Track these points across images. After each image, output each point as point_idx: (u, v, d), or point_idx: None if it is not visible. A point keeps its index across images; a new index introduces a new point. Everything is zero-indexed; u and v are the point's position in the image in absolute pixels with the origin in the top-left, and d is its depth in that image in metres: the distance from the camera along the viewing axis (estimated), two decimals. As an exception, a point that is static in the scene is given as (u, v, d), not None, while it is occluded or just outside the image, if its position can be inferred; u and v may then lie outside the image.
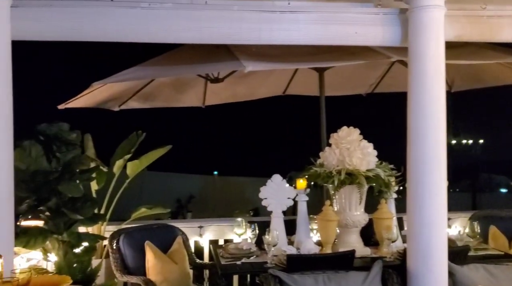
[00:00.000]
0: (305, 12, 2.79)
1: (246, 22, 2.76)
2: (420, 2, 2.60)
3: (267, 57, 3.66)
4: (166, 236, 4.02)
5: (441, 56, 2.63)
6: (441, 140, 2.68)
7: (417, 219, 2.77)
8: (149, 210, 4.30)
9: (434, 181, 2.70)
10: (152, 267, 3.65)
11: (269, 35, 2.80)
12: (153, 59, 4.22)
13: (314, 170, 3.79)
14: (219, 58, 3.69)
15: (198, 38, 2.79)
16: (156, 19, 2.75)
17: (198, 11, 2.76)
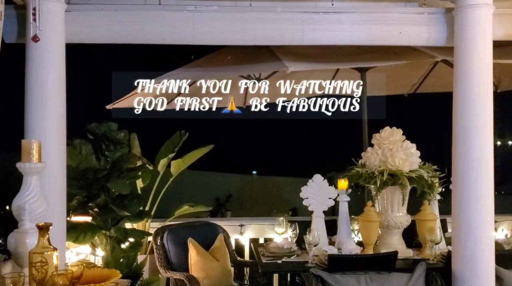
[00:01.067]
0: (348, 12, 2.79)
1: (289, 24, 2.79)
2: (467, 1, 2.55)
3: (309, 57, 3.68)
4: (208, 234, 4.09)
5: (489, 55, 2.58)
6: (487, 141, 2.62)
7: (463, 222, 2.72)
8: (191, 208, 4.40)
9: (481, 182, 2.64)
10: (194, 263, 3.73)
11: (312, 36, 2.82)
12: (197, 61, 4.32)
13: (356, 170, 3.78)
14: (261, 59, 3.74)
15: (243, 39, 2.85)
16: (202, 21, 2.83)
17: (242, 13, 2.82)
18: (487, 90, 2.62)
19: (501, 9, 2.77)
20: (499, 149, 14.24)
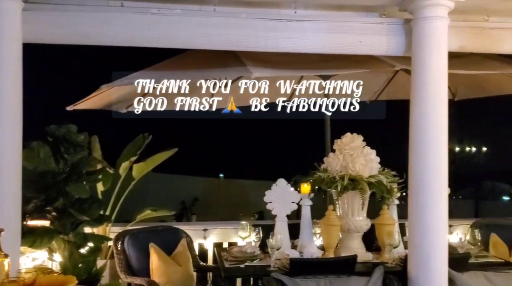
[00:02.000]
0: (311, 21, 2.84)
1: (254, 30, 2.82)
2: (423, 13, 2.64)
3: (274, 64, 3.71)
4: (170, 238, 4.06)
5: (444, 66, 2.67)
6: (442, 149, 2.71)
7: (418, 226, 2.81)
8: (153, 212, 4.35)
9: (435, 188, 2.73)
10: (156, 268, 3.69)
11: (276, 43, 2.85)
12: (161, 63, 4.27)
13: (318, 175, 3.84)
14: (227, 63, 3.74)
15: (207, 44, 2.85)
16: (166, 24, 2.81)
17: (207, 18, 2.82)
18: (442, 99, 2.72)
19: (456, 22, 2.88)
20: (456, 155, 14.80)
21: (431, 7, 2.60)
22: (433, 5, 2.60)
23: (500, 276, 3.03)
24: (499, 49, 3.00)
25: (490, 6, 2.84)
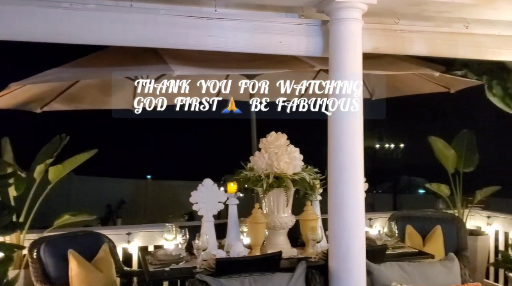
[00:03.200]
0: (232, 19, 2.83)
1: (173, 27, 2.76)
2: (339, 15, 2.73)
3: (197, 62, 3.67)
4: (91, 244, 3.89)
5: (359, 66, 2.78)
6: (358, 146, 2.82)
7: (337, 221, 2.90)
8: (73, 217, 4.14)
9: (352, 184, 2.84)
10: (75, 276, 3.52)
11: (196, 41, 2.81)
12: (78, 60, 4.07)
13: (244, 173, 3.85)
14: (148, 61, 3.64)
15: (123, 40, 2.74)
16: (79, 20, 2.67)
17: (123, 14, 2.71)
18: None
19: (370, 24, 3.01)
20: (376, 152, 15.65)
21: (346, 9, 2.70)
22: (348, 8, 2.69)
23: (412, 266, 3.22)
24: (409, 50, 3.18)
25: (400, 10, 2.99)
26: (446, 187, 5.51)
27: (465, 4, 2.89)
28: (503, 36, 3.33)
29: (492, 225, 5.39)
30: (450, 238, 4.60)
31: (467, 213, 5.47)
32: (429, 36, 3.18)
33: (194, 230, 3.71)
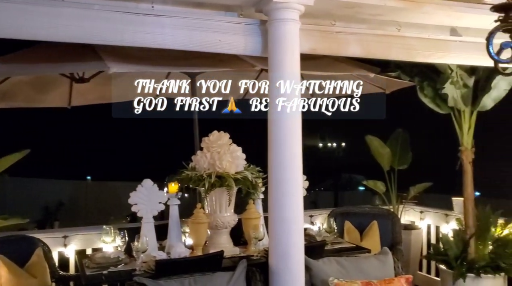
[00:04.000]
0: (170, 16, 2.79)
1: (108, 23, 2.67)
2: (277, 15, 2.76)
3: (136, 59, 3.59)
4: (24, 249, 3.72)
5: (297, 66, 2.83)
6: (296, 145, 2.87)
7: (277, 219, 2.93)
8: (3, 221, 3.92)
9: (291, 182, 2.88)
10: (5, 283, 3.34)
11: (133, 37, 2.74)
12: (8, 56, 3.86)
13: (186, 173, 3.81)
14: (83, 57, 3.52)
15: (55, 36, 2.62)
16: (7, 13, 2.52)
17: (55, 8, 2.59)
18: (296, 97, 2.86)
19: (307, 25, 3.07)
20: (319, 151, 16.08)
21: (283, 9, 2.73)
22: (285, 8, 2.73)
23: (349, 260, 3.32)
24: (345, 51, 3.27)
25: (336, 12, 3.08)
26: (382, 183, 5.75)
27: (396, 8, 3.02)
28: (432, 40, 3.51)
29: (424, 220, 5.69)
30: (386, 233, 4.80)
31: (401, 209, 5.73)
32: (364, 38, 3.29)
33: (135, 231, 3.62)
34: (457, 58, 3.58)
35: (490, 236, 4.44)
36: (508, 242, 4.38)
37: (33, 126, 9.99)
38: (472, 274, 4.27)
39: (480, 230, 4.44)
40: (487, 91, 4.24)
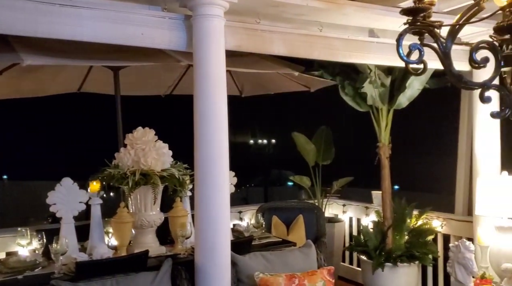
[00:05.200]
0: (89, 8, 2.66)
1: (20, 12, 2.49)
2: (201, 11, 2.74)
3: (54, 51, 3.40)
4: None
5: (222, 63, 2.83)
6: (223, 141, 2.88)
7: (204, 216, 2.92)
8: None
9: (217, 179, 2.88)
10: None
11: (48, 29, 2.59)
12: None
13: (108, 171, 3.68)
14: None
15: (-42, 25, 2.41)
16: None
17: (-42, -7, 2.38)
18: (222, 94, 2.87)
19: (233, 22, 3.08)
20: (251, 147, 16.28)
21: (207, 5, 2.71)
22: (209, 4, 2.72)
23: (275, 254, 3.39)
24: (269, 50, 3.32)
25: (261, 10, 3.12)
26: (307, 179, 5.94)
27: (318, 9, 3.11)
28: (352, 40, 3.67)
29: (347, 213, 5.96)
30: (311, 226, 4.97)
31: (326, 202, 5.96)
32: (288, 37, 3.36)
33: (55, 233, 3.44)
34: (375, 58, 3.76)
35: (406, 227, 4.74)
36: (421, 232, 4.71)
37: None
38: (389, 263, 4.53)
39: (397, 222, 4.73)
40: (402, 91, 4.51)
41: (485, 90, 1.72)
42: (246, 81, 5.62)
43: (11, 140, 12.93)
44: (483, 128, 3.89)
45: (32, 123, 11.28)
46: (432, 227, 4.76)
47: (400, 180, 12.26)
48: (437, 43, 1.75)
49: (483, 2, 1.79)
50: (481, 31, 3.12)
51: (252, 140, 16.17)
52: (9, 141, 12.94)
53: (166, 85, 5.66)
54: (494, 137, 3.96)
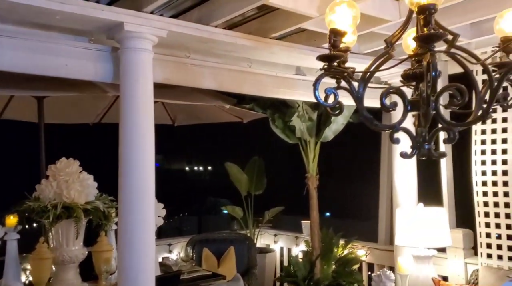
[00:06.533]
0: (9, 37, 2.56)
1: None
2: (129, 44, 2.73)
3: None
4: None
5: (150, 95, 2.80)
6: (149, 174, 2.83)
7: (126, 250, 2.81)
8: None
9: (142, 212, 2.80)
10: None
11: (-37, 56, 2.46)
12: None
13: (28, 204, 3.49)
14: None
15: None
16: None
17: None
18: (149, 125, 2.82)
19: (162, 55, 3.09)
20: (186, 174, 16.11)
21: (135, 39, 2.71)
22: (138, 37, 2.71)
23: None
24: (200, 84, 3.36)
25: (191, 45, 3.16)
26: (239, 209, 5.97)
27: (247, 47, 3.21)
28: (280, 77, 3.81)
29: (278, 242, 6.02)
30: (242, 257, 4.97)
31: (257, 232, 6.00)
32: (218, 72, 3.43)
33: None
34: (302, 95, 3.92)
35: (333, 256, 4.87)
36: (347, 261, 4.86)
37: None
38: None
39: (325, 251, 4.85)
40: (328, 125, 4.73)
41: (394, 132, 1.86)
42: (179, 111, 5.62)
43: None
44: (401, 162, 4.13)
45: None
46: (357, 256, 4.93)
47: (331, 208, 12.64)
48: (350, 88, 1.88)
49: (392, 51, 1.96)
50: (399, 71, 3.36)
51: (188, 167, 16.01)
52: None
53: (95, 114, 5.51)
54: (411, 171, 4.23)
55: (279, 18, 3.12)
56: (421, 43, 1.69)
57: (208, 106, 5.26)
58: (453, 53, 1.79)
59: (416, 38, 1.71)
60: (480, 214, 3.94)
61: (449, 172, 4.23)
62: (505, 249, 3.79)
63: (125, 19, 2.62)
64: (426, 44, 1.66)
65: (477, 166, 3.94)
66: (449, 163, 4.25)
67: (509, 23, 1.92)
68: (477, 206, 3.95)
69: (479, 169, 3.93)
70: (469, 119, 1.80)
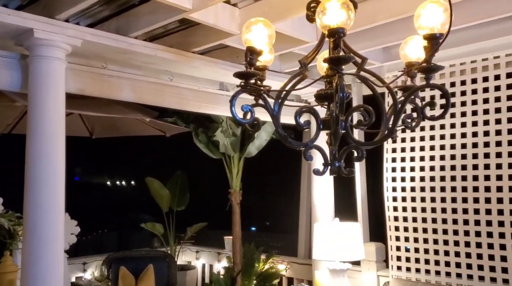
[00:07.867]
0: None
1: None
2: (39, 52, 2.56)
3: None
4: None
5: (61, 106, 2.64)
6: (59, 186, 2.65)
7: (31, 271, 2.61)
8: None
9: (50, 230, 2.61)
10: None
11: None
12: None
13: None
14: None
15: None
16: None
17: None
18: (59, 138, 2.65)
19: (76, 65, 2.95)
20: (108, 189, 15.44)
21: (46, 47, 2.55)
22: (49, 46, 2.56)
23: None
24: (117, 95, 3.24)
25: (108, 56, 3.04)
26: (160, 225, 5.81)
27: (168, 59, 3.16)
28: (203, 92, 3.79)
29: (200, 259, 5.93)
30: (162, 276, 4.81)
31: (179, 249, 5.86)
32: (137, 84, 3.33)
33: None
34: (225, 110, 3.91)
35: (254, 272, 4.88)
36: (268, 276, 4.89)
37: None
38: (239, 309, 4.59)
39: (246, 266, 4.85)
40: (252, 140, 4.77)
41: (307, 150, 1.91)
42: (97, 123, 5.38)
43: None
44: (319, 178, 4.25)
45: None
46: (278, 271, 4.99)
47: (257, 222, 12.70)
48: (267, 106, 1.90)
49: (306, 72, 2.02)
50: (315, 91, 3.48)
51: (109, 181, 15.36)
52: None
53: (5, 124, 5.12)
54: (328, 187, 4.37)
55: (201, 33, 3.11)
56: (330, 65, 1.76)
57: (129, 119, 5.09)
58: (362, 76, 1.88)
59: (326, 60, 1.77)
60: (391, 228, 4.15)
61: (363, 188, 4.42)
62: (413, 262, 4.01)
63: (34, 26, 2.47)
64: (335, 66, 1.73)
65: (388, 182, 4.16)
66: (363, 179, 4.44)
67: (412, 49, 2.05)
68: (388, 220, 4.16)
69: (390, 185, 4.15)
70: (376, 139, 1.89)
